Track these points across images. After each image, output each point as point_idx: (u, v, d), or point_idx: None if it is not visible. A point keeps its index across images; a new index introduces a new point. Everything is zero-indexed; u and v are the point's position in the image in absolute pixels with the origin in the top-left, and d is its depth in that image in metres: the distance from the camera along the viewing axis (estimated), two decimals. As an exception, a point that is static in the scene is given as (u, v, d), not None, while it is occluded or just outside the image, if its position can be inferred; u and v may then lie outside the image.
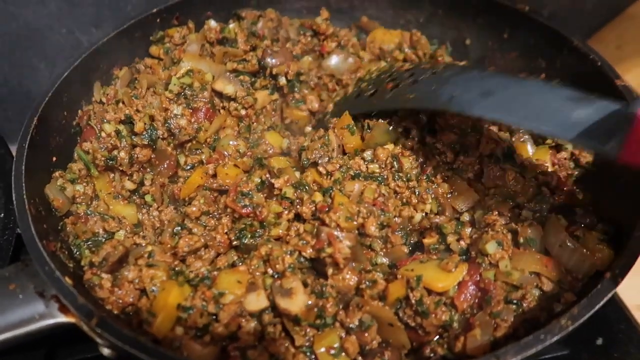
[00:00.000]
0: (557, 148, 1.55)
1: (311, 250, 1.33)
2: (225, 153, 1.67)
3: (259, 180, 1.49)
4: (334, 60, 1.95)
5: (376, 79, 1.78)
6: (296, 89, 1.84)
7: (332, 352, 1.20)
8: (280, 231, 1.39)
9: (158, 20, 1.93)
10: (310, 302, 1.23)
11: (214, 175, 1.58)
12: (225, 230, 1.45)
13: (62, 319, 1.17)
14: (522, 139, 1.54)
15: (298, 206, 1.43)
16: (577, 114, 1.12)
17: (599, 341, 1.66)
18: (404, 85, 1.58)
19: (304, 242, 1.34)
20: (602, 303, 1.07)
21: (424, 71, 1.59)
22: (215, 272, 1.33)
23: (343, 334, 1.24)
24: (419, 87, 1.52)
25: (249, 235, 1.40)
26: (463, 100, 1.33)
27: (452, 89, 1.39)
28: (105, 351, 1.19)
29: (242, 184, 1.46)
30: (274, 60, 1.87)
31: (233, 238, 1.42)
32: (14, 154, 1.84)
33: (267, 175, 1.51)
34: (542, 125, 1.17)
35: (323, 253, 1.30)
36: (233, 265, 1.37)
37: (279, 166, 1.53)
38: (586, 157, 1.54)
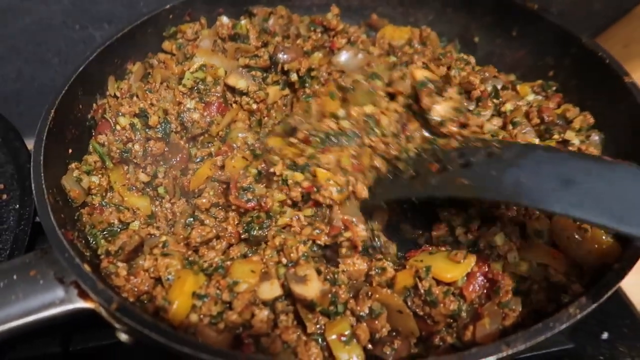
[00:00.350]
0: (564, 144, 1.58)
1: (326, 237, 1.35)
2: (234, 145, 1.70)
3: (256, 171, 1.51)
4: (343, 56, 1.97)
5: (416, 158, 1.49)
6: (307, 85, 1.87)
7: (343, 339, 1.22)
8: (287, 219, 1.42)
9: (170, 16, 1.97)
10: (324, 288, 1.26)
11: (222, 167, 1.60)
12: (235, 222, 1.48)
13: (82, 304, 1.20)
14: (526, 134, 1.56)
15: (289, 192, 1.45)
16: None
17: (604, 335, 1.68)
18: (455, 169, 1.33)
19: (318, 230, 1.36)
20: (610, 293, 1.09)
21: (476, 150, 1.33)
22: (229, 262, 1.35)
23: (354, 322, 1.27)
24: (475, 172, 1.26)
25: (257, 227, 1.43)
26: (536, 191, 1.09)
27: (517, 174, 1.15)
28: (123, 336, 1.22)
29: (240, 179, 1.48)
30: (285, 56, 1.89)
31: (242, 231, 1.44)
32: (28, 147, 1.90)
33: (263, 165, 1.53)
34: None
35: (341, 237, 1.33)
36: (245, 256, 1.40)
37: (274, 145, 1.56)
38: (593, 153, 1.55)
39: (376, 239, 1.49)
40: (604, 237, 1.25)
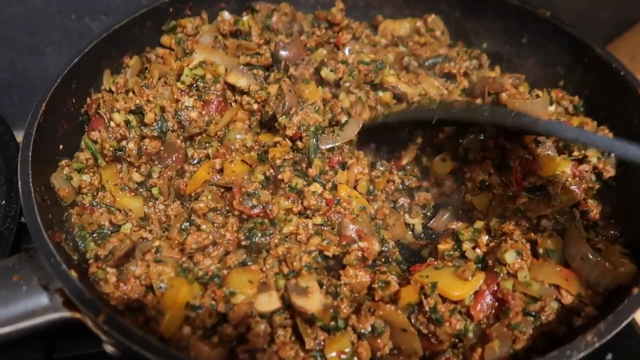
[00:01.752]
0: (580, 160, 1.52)
1: (336, 247, 1.31)
2: (232, 147, 1.63)
3: (263, 177, 1.46)
4: (348, 50, 1.92)
5: (441, 102, 1.69)
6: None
7: (344, 357, 1.16)
8: (292, 227, 1.36)
9: (171, 9, 1.90)
10: (326, 302, 1.20)
11: (221, 170, 1.55)
12: (235, 229, 1.41)
13: (67, 313, 1.13)
14: (546, 152, 1.50)
15: (303, 200, 1.43)
16: None
17: (609, 357, 1.63)
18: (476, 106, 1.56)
19: (328, 241, 1.31)
20: (629, 319, 1.04)
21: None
22: (225, 271, 1.29)
23: (355, 339, 1.20)
24: (495, 110, 1.49)
25: (260, 234, 1.37)
26: (553, 124, 1.32)
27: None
28: (109, 349, 1.16)
29: (245, 183, 1.42)
30: (286, 53, 1.83)
31: (242, 237, 1.38)
32: (17, 139, 1.82)
33: (271, 171, 1.48)
34: None
35: (354, 246, 1.28)
36: (243, 264, 1.34)
37: (280, 156, 1.53)
38: (609, 172, 1.50)
39: (384, 244, 1.45)
40: (620, 259, 1.19)
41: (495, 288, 1.22)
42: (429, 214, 1.56)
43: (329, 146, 1.56)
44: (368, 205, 1.47)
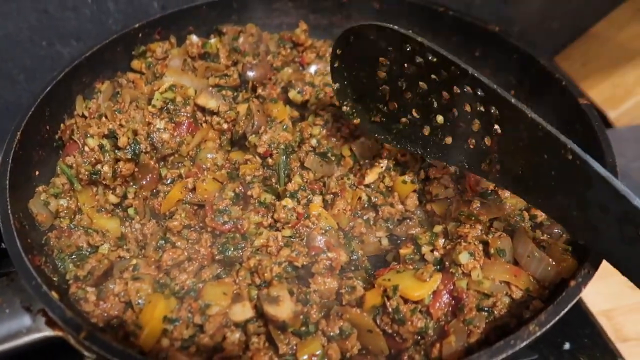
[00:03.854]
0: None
1: (304, 257, 1.39)
2: (204, 166, 1.71)
3: (233, 194, 1.54)
4: (313, 69, 2.02)
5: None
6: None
7: (315, 359, 1.24)
8: (263, 240, 1.44)
9: (140, 34, 1.96)
10: (296, 309, 1.28)
11: (193, 189, 1.62)
12: (209, 244, 1.49)
13: (50, 332, 1.19)
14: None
15: (274, 213, 1.51)
16: None
17: (566, 346, 1.75)
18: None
19: (297, 252, 1.39)
20: (567, 309, 1.15)
21: None
22: (200, 284, 1.36)
23: (325, 342, 1.29)
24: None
25: (232, 248, 1.45)
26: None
27: None
28: (92, 364, 1.21)
29: (217, 201, 1.50)
30: (254, 73, 1.92)
31: (216, 252, 1.46)
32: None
33: (240, 188, 1.55)
34: None
35: (322, 256, 1.37)
36: (218, 277, 1.41)
37: (250, 172, 1.61)
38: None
39: (353, 253, 1.54)
40: (562, 255, 1.30)
41: (452, 287, 1.31)
42: (391, 226, 1.65)
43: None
44: (336, 226, 1.54)
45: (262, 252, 1.44)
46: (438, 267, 1.39)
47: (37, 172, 1.61)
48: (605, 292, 1.88)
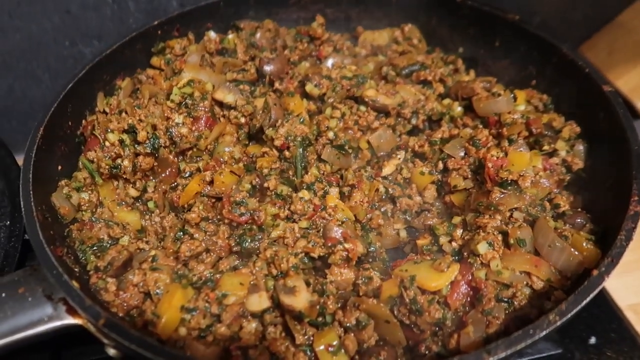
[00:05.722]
0: (550, 154, 1.61)
1: (321, 248, 1.39)
2: (222, 160, 1.72)
3: (250, 186, 1.54)
4: (330, 63, 2.02)
5: None
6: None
7: (331, 349, 1.24)
8: (280, 231, 1.44)
9: (159, 32, 1.99)
10: (312, 299, 1.28)
11: (211, 182, 1.63)
12: (226, 236, 1.50)
13: (70, 320, 1.21)
14: (518, 149, 1.57)
15: (291, 205, 1.51)
16: None
17: (592, 340, 1.70)
18: None
19: (313, 243, 1.38)
20: (588, 299, 1.12)
21: None
22: (218, 275, 1.37)
23: (342, 333, 1.28)
24: None
25: (249, 240, 1.45)
26: None
27: None
28: (111, 351, 1.23)
29: (234, 193, 1.51)
30: (271, 68, 1.93)
31: (233, 244, 1.46)
32: (18, 162, 1.91)
33: (257, 180, 1.56)
34: None
35: (339, 247, 1.36)
36: (235, 268, 1.42)
37: (267, 165, 1.61)
38: (578, 164, 1.58)
39: (371, 245, 1.53)
40: (584, 244, 1.27)
41: (470, 278, 1.29)
42: (409, 218, 1.63)
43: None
44: (352, 218, 1.53)
45: (279, 244, 1.44)
46: (456, 257, 1.38)
47: (59, 167, 1.65)
48: (633, 286, 1.82)
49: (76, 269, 1.40)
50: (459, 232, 1.42)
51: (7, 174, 1.92)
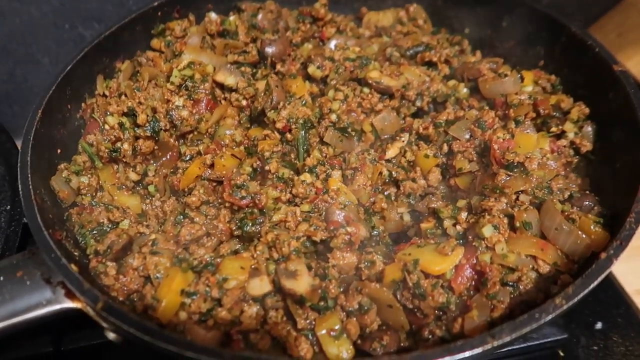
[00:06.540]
0: (558, 136, 1.57)
1: (323, 232, 1.36)
2: (222, 143, 1.69)
3: (251, 169, 1.52)
4: (333, 44, 1.98)
5: None
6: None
7: (333, 334, 1.22)
8: (282, 215, 1.42)
9: (159, 13, 1.96)
10: (314, 283, 1.26)
11: (212, 166, 1.61)
12: (227, 220, 1.48)
13: (69, 304, 1.20)
14: (525, 131, 1.54)
15: (292, 188, 1.48)
16: None
17: (598, 325, 1.68)
18: None
19: (315, 227, 1.36)
20: (596, 283, 1.09)
21: None
22: (219, 259, 1.35)
23: (344, 317, 1.26)
24: None
25: (250, 224, 1.43)
26: None
27: None
28: (111, 335, 1.22)
29: (234, 176, 1.49)
30: (273, 49, 1.89)
31: (234, 227, 1.45)
32: (19, 147, 1.89)
33: (258, 163, 1.53)
34: None
35: (341, 230, 1.34)
36: (236, 252, 1.40)
37: (269, 148, 1.58)
38: (586, 146, 1.55)
39: (374, 229, 1.51)
40: (592, 227, 1.24)
41: (475, 261, 1.27)
42: (413, 202, 1.60)
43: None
44: (355, 201, 1.50)
45: (280, 227, 1.42)
46: (460, 241, 1.35)
47: (59, 150, 1.63)
48: (640, 271, 1.79)
49: (76, 253, 1.39)
50: (464, 215, 1.39)
51: (7, 159, 1.91)
